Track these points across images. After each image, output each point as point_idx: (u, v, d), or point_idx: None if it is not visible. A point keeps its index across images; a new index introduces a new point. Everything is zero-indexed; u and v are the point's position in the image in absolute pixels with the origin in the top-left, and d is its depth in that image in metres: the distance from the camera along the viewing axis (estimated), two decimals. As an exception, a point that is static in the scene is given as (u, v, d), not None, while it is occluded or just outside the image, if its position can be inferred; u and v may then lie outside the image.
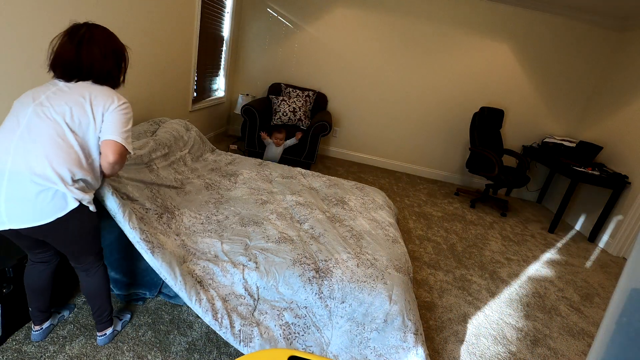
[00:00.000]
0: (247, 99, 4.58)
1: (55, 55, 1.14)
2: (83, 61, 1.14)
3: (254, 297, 1.58)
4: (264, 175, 2.63)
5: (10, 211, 1.05)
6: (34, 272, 1.30)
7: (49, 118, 1.09)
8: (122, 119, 1.18)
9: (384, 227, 2.18)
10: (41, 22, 1.73)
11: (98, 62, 1.16)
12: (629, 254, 0.83)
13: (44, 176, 1.05)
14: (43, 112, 1.09)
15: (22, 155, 1.05)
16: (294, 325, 1.54)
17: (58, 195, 1.08)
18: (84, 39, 1.13)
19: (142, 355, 1.42)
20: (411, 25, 4.35)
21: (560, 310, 2.35)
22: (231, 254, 1.67)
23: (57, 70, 1.15)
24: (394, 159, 4.94)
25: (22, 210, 1.05)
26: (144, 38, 2.60)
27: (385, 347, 1.52)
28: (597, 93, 4.27)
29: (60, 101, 1.11)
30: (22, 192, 1.04)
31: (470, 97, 4.52)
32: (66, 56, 1.13)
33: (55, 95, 1.12)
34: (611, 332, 0.58)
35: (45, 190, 1.06)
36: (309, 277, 1.60)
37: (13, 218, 1.05)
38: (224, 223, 1.89)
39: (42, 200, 1.06)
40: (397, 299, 1.58)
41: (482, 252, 2.96)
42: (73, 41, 1.13)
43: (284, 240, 1.80)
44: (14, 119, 1.09)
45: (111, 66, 1.21)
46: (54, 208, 1.08)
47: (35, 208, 1.06)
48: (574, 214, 4.15)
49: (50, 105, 1.10)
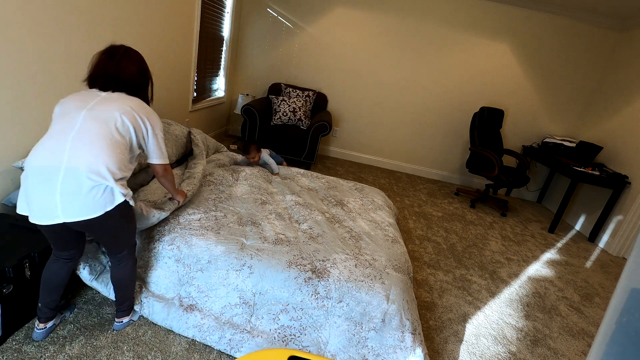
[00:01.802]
0: (247, 99, 4.58)
1: (97, 69, 1.31)
2: (121, 75, 1.32)
3: (250, 304, 1.59)
4: (264, 175, 2.63)
5: (65, 205, 1.14)
6: (56, 268, 1.36)
7: (102, 122, 1.22)
8: (161, 141, 1.41)
9: (383, 228, 2.18)
10: (44, 23, 1.73)
11: (133, 77, 1.35)
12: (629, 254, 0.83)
13: (98, 173, 1.17)
14: (96, 117, 1.22)
15: (78, 154, 1.16)
16: (290, 327, 1.55)
17: (108, 190, 1.20)
18: (122, 57, 1.32)
19: (142, 355, 1.42)
20: (411, 25, 4.35)
21: (560, 310, 2.35)
22: (225, 258, 1.64)
23: (98, 81, 1.31)
24: (394, 159, 4.94)
25: (76, 204, 1.15)
26: (144, 38, 2.60)
27: (382, 347, 1.52)
28: (597, 93, 4.27)
29: (109, 107, 1.25)
30: (77, 188, 1.14)
31: (470, 97, 4.52)
32: (108, 70, 1.30)
33: (104, 103, 1.26)
34: (611, 332, 0.58)
35: (97, 186, 1.17)
36: (305, 278, 1.60)
37: (67, 212, 1.15)
38: (222, 221, 1.88)
39: (94, 195, 1.17)
40: (395, 298, 1.58)
41: (482, 252, 2.96)
42: (114, 58, 1.31)
43: (281, 241, 1.80)
44: (64, 122, 1.21)
45: (143, 81, 1.40)
46: (104, 202, 1.19)
47: (88, 202, 1.16)
48: (574, 214, 4.15)
49: (102, 110, 1.24)
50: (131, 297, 1.52)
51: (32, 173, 1.14)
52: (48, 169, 1.14)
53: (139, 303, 1.61)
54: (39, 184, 1.13)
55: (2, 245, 1.44)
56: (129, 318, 1.54)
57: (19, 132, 1.74)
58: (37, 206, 1.15)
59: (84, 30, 2.00)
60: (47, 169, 1.13)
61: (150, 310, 1.59)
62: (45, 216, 1.16)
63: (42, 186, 1.13)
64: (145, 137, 1.35)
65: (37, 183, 1.14)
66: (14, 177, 1.76)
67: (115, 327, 1.52)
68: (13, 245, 1.45)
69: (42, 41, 1.76)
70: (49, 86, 1.85)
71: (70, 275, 1.42)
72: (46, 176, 1.13)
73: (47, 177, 1.13)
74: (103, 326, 1.52)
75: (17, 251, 1.42)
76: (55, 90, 1.89)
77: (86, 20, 2.01)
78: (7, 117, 1.66)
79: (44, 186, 1.13)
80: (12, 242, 1.47)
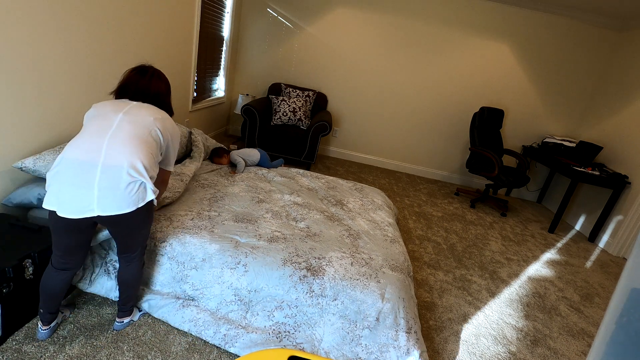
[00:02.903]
0: (247, 99, 4.58)
1: (129, 83, 1.44)
2: (152, 90, 1.45)
3: (245, 301, 1.59)
4: (262, 176, 2.63)
5: (101, 200, 1.19)
6: (56, 278, 1.36)
7: (137, 124, 1.30)
8: (176, 153, 1.54)
9: (382, 228, 2.18)
10: (44, 23, 1.73)
11: (162, 94, 1.50)
12: (629, 254, 0.83)
13: (136, 169, 1.23)
14: (131, 120, 1.30)
15: (115, 151, 1.22)
16: (285, 324, 1.55)
17: (142, 186, 1.26)
18: (154, 75, 1.47)
19: (142, 355, 1.42)
20: (411, 25, 4.35)
21: (560, 310, 2.35)
22: (220, 256, 1.64)
23: (127, 93, 1.43)
24: (394, 159, 4.94)
25: (113, 199, 1.20)
26: (144, 38, 2.60)
27: (376, 345, 1.52)
28: (597, 93, 4.27)
29: (144, 113, 1.35)
30: (115, 183, 1.20)
31: (470, 97, 4.52)
32: (140, 85, 1.43)
33: (139, 108, 1.36)
34: (611, 332, 0.58)
35: (134, 182, 1.23)
36: (300, 276, 1.60)
37: (103, 206, 1.20)
38: (216, 219, 1.87)
39: (130, 191, 1.22)
40: (390, 297, 1.58)
41: (482, 252, 2.96)
42: (145, 76, 1.45)
43: (276, 238, 1.79)
44: (101, 123, 1.28)
45: (168, 98, 1.55)
46: (137, 198, 1.25)
47: (124, 197, 1.22)
48: (574, 214, 4.15)
49: (137, 115, 1.33)
50: (135, 298, 1.54)
51: (69, 167, 1.18)
52: (86, 164, 1.19)
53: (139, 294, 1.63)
54: (75, 177, 1.18)
55: (2, 245, 1.44)
56: (129, 318, 1.54)
57: (18, 133, 1.74)
58: (71, 199, 1.18)
59: (84, 30, 2.00)
60: (85, 164, 1.19)
61: (148, 304, 1.61)
62: (79, 210, 1.19)
63: (79, 180, 1.17)
64: (168, 146, 1.47)
65: (74, 176, 1.18)
66: (14, 177, 1.76)
67: (115, 327, 1.52)
68: (13, 245, 1.45)
69: (42, 41, 1.76)
70: (48, 86, 1.85)
71: (69, 284, 1.41)
72: (84, 171, 1.18)
73: (85, 172, 1.18)
74: (103, 326, 1.52)
75: (17, 251, 1.42)
76: (55, 90, 1.89)
77: (86, 21, 2.01)
78: (7, 117, 1.66)
79: (81, 180, 1.17)
80: (12, 242, 1.47)
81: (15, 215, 1.68)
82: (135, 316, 1.58)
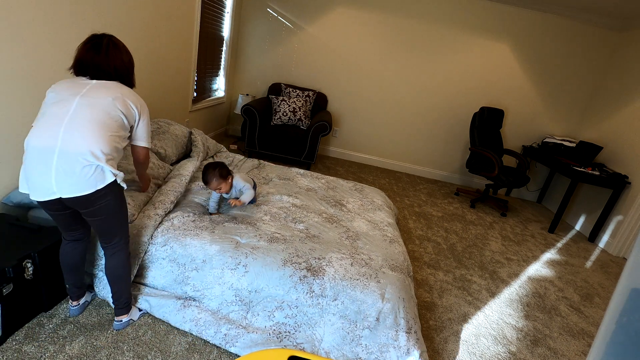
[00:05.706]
0: (247, 99, 4.58)
1: (83, 61, 1.34)
2: (111, 65, 1.36)
3: (245, 302, 1.59)
4: (261, 177, 2.63)
5: (59, 182, 1.23)
6: (68, 250, 1.45)
7: (94, 107, 1.28)
8: (148, 127, 1.49)
9: (382, 228, 2.18)
10: (44, 22, 1.73)
11: (123, 66, 1.40)
12: (629, 254, 0.83)
13: (90, 154, 1.24)
14: (89, 103, 1.28)
15: (71, 137, 1.23)
16: (285, 324, 1.55)
17: (98, 169, 1.26)
18: (109, 47, 1.35)
19: (142, 355, 1.42)
20: (411, 25, 4.35)
21: (560, 310, 2.35)
22: (220, 257, 1.65)
23: (87, 71, 1.35)
24: (394, 159, 4.94)
25: (69, 181, 1.23)
26: (144, 38, 2.60)
27: (376, 345, 1.52)
28: (597, 93, 4.27)
29: (101, 94, 1.31)
30: (70, 168, 1.22)
31: (470, 97, 4.52)
32: (97, 61, 1.33)
33: (97, 89, 1.32)
34: (611, 332, 0.58)
35: (88, 166, 1.24)
36: (300, 276, 1.60)
37: (61, 188, 1.23)
38: (216, 220, 1.88)
39: (85, 174, 1.24)
40: (390, 297, 1.58)
41: (482, 252, 2.96)
42: (100, 51, 1.34)
43: (276, 239, 1.79)
44: (58, 107, 1.26)
45: (130, 68, 1.45)
46: (94, 180, 1.26)
47: (80, 180, 1.23)
48: (574, 214, 4.15)
49: (94, 97, 1.30)
50: (127, 292, 1.51)
51: (32, 154, 1.23)
52: (44, 149, 1.22)
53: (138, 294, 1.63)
54: (38, 163, 1.22)
55: (2, 245, 1.44)
56: (128, 317, 1.54)
57: (12, 130, 1.74)
58: (35, 184, 1.24)
59: (85, 30, 2.00)
60: (43, 149, 1.22)
61: (148, 304, 1.61)
62: (43, 193, 1.24)
63: (41, 166, 1.22)
64: (135, 122, 1.43)
65: (37, 163, 1.22)
66: (14, 177, 1.76)
67: (115, 327, 1.52)
68: (13, 245, 1.45)
69: (42, 42, 1.76)
70: (49, 87, 1.85)
71: (85, 254, 1.50)
72: (43, 156, 1.22)
73: (44, 158, 1.22)
74: (103, 326, 1.52)
75: (17, 251, 1.43)
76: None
77: (86, 21, 2.00)
78: (6, 118, 1.66)
79: (42, 165, 1.22)
80: (12, 242, 1.47)
81: (15, 215, 1.68)
82: (135, 316, 1.58)
